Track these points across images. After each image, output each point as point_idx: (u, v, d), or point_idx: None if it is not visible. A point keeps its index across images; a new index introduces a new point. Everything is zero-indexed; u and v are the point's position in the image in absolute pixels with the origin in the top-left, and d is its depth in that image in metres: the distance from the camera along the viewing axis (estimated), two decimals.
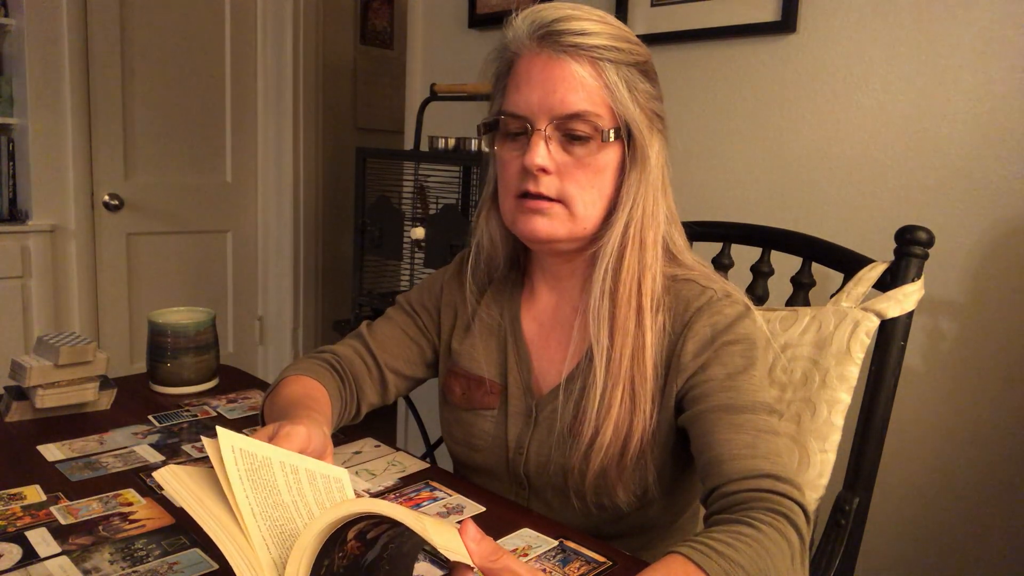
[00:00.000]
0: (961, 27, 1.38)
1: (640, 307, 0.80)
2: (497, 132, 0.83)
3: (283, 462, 0.60)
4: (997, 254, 1.38)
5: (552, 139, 0.78)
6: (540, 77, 0.77)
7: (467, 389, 0.92)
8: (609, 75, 0.77)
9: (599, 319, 0.80)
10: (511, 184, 0.82)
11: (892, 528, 1.52)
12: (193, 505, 0.53)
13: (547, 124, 0.77)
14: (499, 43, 0.83)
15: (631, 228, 0.80)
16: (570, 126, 0.77)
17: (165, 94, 2.69)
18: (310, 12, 3.02)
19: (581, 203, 0.79)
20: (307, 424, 0.68)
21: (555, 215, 0.80)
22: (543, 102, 0.77)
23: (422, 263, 1.87)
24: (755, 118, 1.65)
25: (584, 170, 0.79)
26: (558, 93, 0.76)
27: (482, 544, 0.49)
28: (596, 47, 0.76)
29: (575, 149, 0.78)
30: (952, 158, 1.41)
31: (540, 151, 0.77)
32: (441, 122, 2.23)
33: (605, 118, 0.78)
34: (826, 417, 0.94)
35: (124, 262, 2.66)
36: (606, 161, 0.79)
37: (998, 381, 1.39)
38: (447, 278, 0.99)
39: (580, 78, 0.76)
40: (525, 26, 0.79)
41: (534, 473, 0.87)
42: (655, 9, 1.77)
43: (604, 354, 0.79)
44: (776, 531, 0.63)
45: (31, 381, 1.00)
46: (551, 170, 0.78)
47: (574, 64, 0.76)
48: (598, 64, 0.77)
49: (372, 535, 0.54)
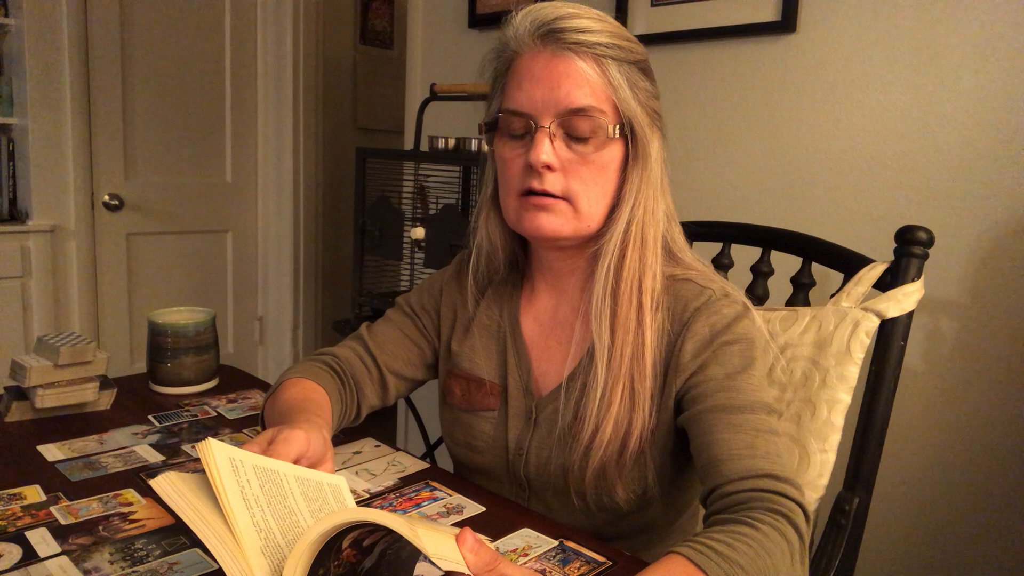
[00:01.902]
0: (961, 27, 1.38)
1: (641, 305, 0.80)
2: (497, 131, 0.82)
3: (276, 471, 0.60)
4: (997, 254, 1.38)
5: (556, 136, 0.78)
6: (543, 74, 0.77)
7: (467, 390, 0.92)
8: (612, 72, 0.77)
9: (601, 316, 0.80)
10: (514, 182, 0.81)
11: (892, 528, 1.52)
12: (190, 514, 0.53)
13: (551, 121, 0.77)
14: (498, 42, 0.83)
15: (633, 226, 0.80)
16: (574, 122, 0.77)
17: (165, 94, 2.69)
18: (310, 12, 3.02)
19: (586, 200, 0.79)
20: (306, 428, 0.68)
21: (560, 212, 0.80)
22: (547, 99, 0.77)
23: (422, 263, 1.87)
24: (755, 118, 1.65)
25: (588, 167, 0.79)
26: (563, 89, 0.76)
27: (479, 554, 0.49)
28: (598, 44, 0.76)
29: (579, 146, 0.78)
30: (952, 158, 1.41)
31: (545, 147, 0.77)
32: (441, 122, 2.23)
33: (609, 114, 0.78)
34: (826, 417, 0.94)
35: (124, 262, 2.66)
36: (609, 158, 0.79)
37: (998, 381, 1.39)
38: (447, 279, 0.99)
39: (584, 74, 0.76)
40: (526, 24, 0.79)
41: (534, 474, 0.87)
42: (655, 9, 1.77)
43: (605, 351, 0.79)
44: (775, 531, 0.63)
45: (31, 381, 1.00)
46: (556, 167, 0.78)
47: (578, 60, 0.76)
48: (601, 61, 0.77)
49: (368, 542, 0.54)
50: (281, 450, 0.64)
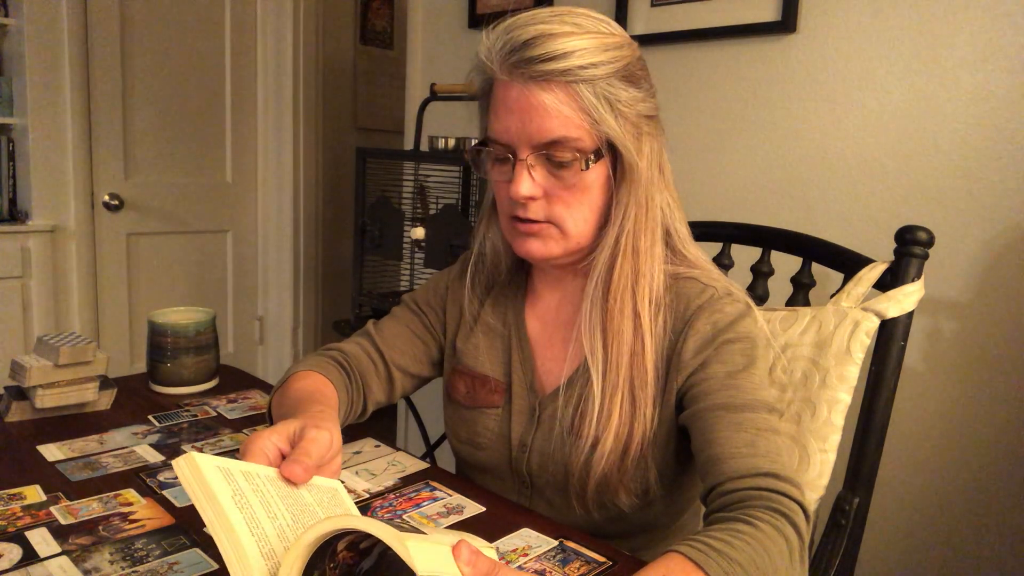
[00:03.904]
0: (961, 27, 1.38)
1: (636, 313, 0.80)
2: (487, 153, 0.82)
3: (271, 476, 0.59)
4: (997, 254, 1.38)
5: (536, 165, 0.78)
6: (516, 107, 0.76)
7: (471, 387, 0.92)
8: (585, 98, 0.74)
9: (591, 331, 0.81)
10: (504, 205, 0.83)
11: (892, 528, 1.52)
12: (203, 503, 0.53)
13: (528, 153, 0.77)
14: (476, 58, 0.81)
15: (622, 239, 0.80)
16: (551, 152, 0.76)
17: (165, 94, 2.69)
18: (310, 12, 3.02)
19: (572, 222, 0.80)
20: (330, 428, 0.67)
21: (548, 236, 0.81)
22: (520, 131, 0.76)
23: (422, 263, 1.87)
24: (755, 118, 1.65)
25: (571, 191, 0.79)
26: (534, 123, 0.75)
27: (477, 566, 0.48)
28: (568, 70, 0.73)
29: (560, 172, 0.77)
30: (952, 158, 1.41)
31: (524, 183, 0.77)
32: (441, 122, 2.23)
33: (585, 140, 0.76)
34: (826, 417, 0.94)
35: (124, 262, 2.66)
36: (592, 179, 0.79)
37: (998, 381, 1.39)
38: (452, 278, 0.99)
39: (554, 106, 0.74)
40: (497, 48, 0.76)
41: (537, 471, 0.87)
42: (655, 9, 1.77)
43: (599, 365, 0.80)
44: (775, 529, 0.63)
45: (31, 381, 1.00)
46: (538, 196, 0.79)
47: (545, 94, 0.74)
48: (571, 88, 0.74)
49: (365, 545, 0.54)
50: (312, 450, 0.63)
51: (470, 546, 0.48)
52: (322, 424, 0.67)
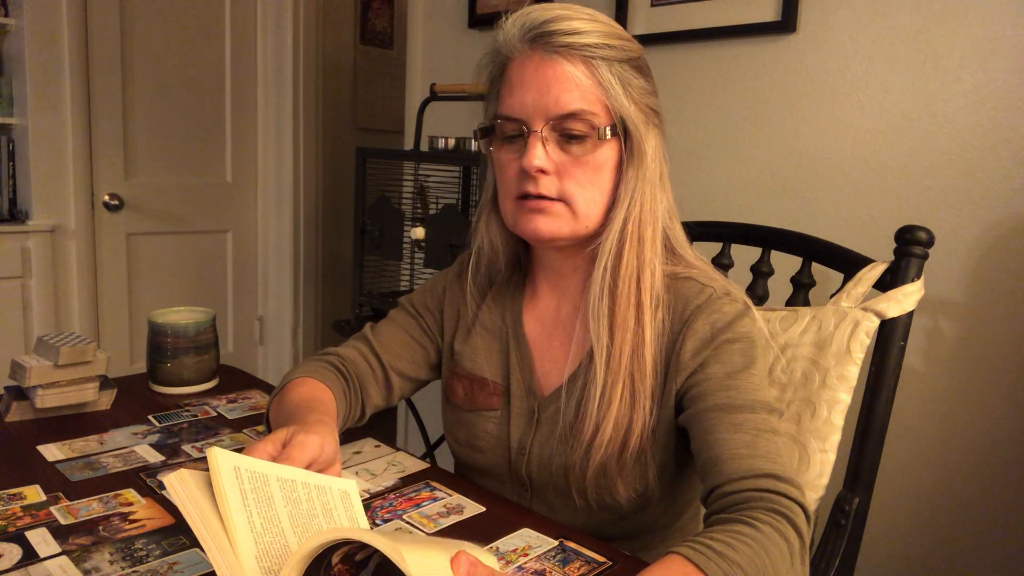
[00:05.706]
0: (961, 27, 1.38)
1: (639, 303, 0.80)
2: (494, 136, 0.83)
3: (282, 478, 0.59)
4: (997, 254, 1.38)
5: (549, 140, 0.78)
6: (533, 79, 0.77)
7: (470, 390, 0.92)
8: (602, 73, 0.77)
9: (599, 316, 0.80)
10: (510, 186, 0.82)
11: (892, 528, 1.52)
12: (193, 515, 0.53)
13: (543, 125, 0.78)
14: (490, 47, 0.83)
15: (629, 224, 0.80)
16: (566, 126, 0.77)
17: (165, 94, 2.69)
18: (310, 12, 3.02)
19: (582, 201, 0.80)
20: (320, 433, 0.68)
21: (557, 214, 0.80)
22: (538, 103, 0.77)
23: (422, 263, 1.87)
24: (755, 118, 1.65)
25: (583, 168, 0.79)
26: (552, 93, 0.77)
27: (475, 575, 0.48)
28: (588, 46, 0.76)
29: (572, 148, 0.78)
30: (952, 158, 1.41)
31: (538, 153, 0.78)
32: (441, 122, 2.23)
33: (600, 116, 0.78)
34: (826, 417, 0.94)
35: (124, 262, 2.66)
36: (604, 158, 0.79)
37: (998, 381, 1.39)
38: (449, 280, 0.99)
39: (573, 77, 0.76)
40: (516, 28, 0.79)
41: (536, 473, 0.87)
42: (655, 9, 1.77)
43: (604, 351, 0.80)
44: (775, 531, 0.63)
45: (31, 381, 1.00)
46: (550, 171, 0.79)
47: (566, 64, 0.76)
48: (591, 63, 0.77)
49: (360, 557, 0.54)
50: (296, 454, 0.64)
51: (469, 556, 0.48)
52: (312, 429, 0.67)
